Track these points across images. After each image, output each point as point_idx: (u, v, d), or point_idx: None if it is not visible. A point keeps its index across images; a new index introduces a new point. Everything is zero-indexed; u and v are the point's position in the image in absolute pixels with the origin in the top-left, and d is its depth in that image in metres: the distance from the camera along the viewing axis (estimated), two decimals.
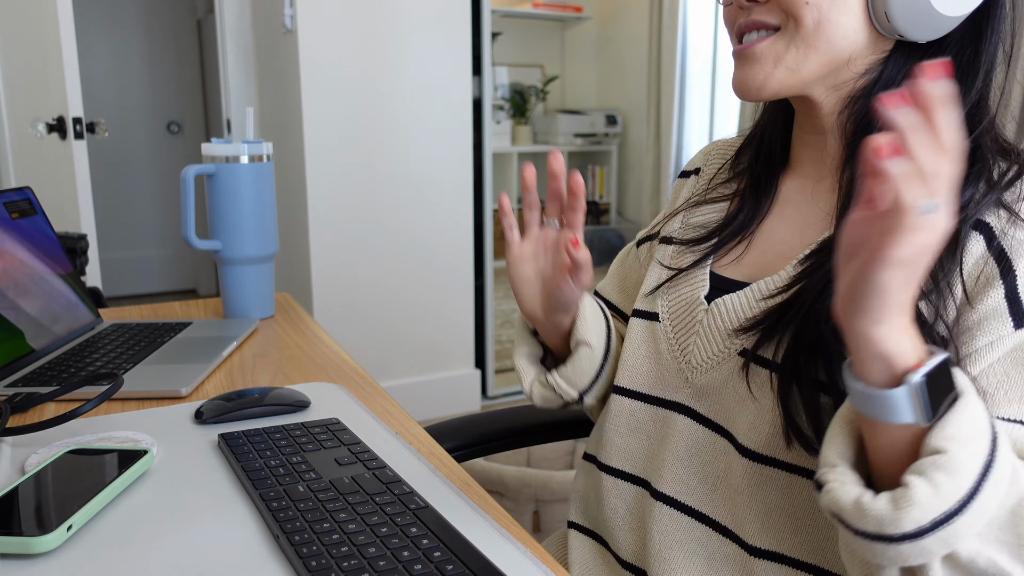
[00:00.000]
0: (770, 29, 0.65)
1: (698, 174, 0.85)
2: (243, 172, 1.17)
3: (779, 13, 0.64)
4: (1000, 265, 0.57)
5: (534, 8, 4.12)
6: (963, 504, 0.48)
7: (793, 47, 0.63)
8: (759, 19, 0.65)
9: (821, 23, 0.62)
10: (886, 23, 0.62)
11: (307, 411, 0.83)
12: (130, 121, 4.49)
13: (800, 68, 0.64)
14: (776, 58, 0.64)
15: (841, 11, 0.62)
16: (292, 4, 2.39)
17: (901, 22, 0.61)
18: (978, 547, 0.50)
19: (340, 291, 2.58)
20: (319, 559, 0.51)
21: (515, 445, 1.04)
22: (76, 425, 0.78)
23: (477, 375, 2.89)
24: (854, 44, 0.63)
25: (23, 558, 0.54)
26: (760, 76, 0.65)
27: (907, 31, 0.62)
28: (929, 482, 0.48)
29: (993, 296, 0.57)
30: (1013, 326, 0.56)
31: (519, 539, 0.58)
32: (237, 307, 1.22)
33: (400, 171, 2.61)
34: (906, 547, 0.49)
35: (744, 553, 0.66)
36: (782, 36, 0.64)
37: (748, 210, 0.75)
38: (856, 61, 0.65)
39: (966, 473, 0.48)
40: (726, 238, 0.75)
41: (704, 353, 0.71)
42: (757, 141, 0.79)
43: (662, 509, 0.72)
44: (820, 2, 0.62)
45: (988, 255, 0.58)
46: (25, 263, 1.01)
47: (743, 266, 0.73)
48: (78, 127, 2.20)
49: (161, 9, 4.48)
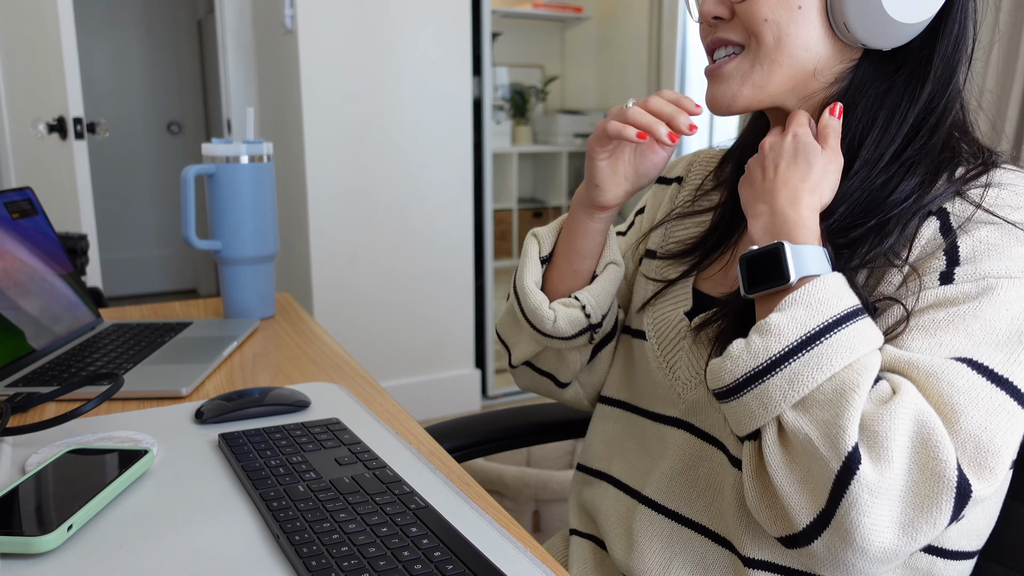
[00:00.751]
0: (736, 46, 0.67)
1: (680, 183, 0.85)
2: (243, 172, 1.17)
3: (742, 32, 0.66)
4: (947, 239, 0.59)
5: (534, 8, 4.12)
6: (772, 363, 0.54)
7: (758, 64, 0.65)
8: (725, 36, 0.67)
9: (781, 39, 0.64)
10: (847, 33, 0.63)
11: (307, 411, 0.83)
12: (130, 121, 4.50)
13: (766, 84, 0.66)
14: (743, 76, 0.66)
15: (800, 25, 0.63)
16: (292, 4, 2.39)
17: (860, 32, 0.62)
18: (799, 419, 0.53)
19: (340, 291, 2.58)
20: (319, 559, 0.51)
21: (515, 445, 1.04)
22: (76, 425, 0.78)
23: (477, 375, 2.89)
24: (817, 56, 0.65)
25: (23, 558, 0.54)
26: (728, 94, 0.67)
27: (868, 40, 0.63)
28: (746, 341, 0.56)
29: (933, 264, 0.58)
30: (939, 284, 0.57)
31: (519, 539, 0.58)
32: (237, 307, 1.22)
33: (400, 171, 2.61)
34: (733, 404, 0.56)
35: (738, 562, 0.67)
36: (747, 55, 0.66)
37: (726, 224, 0.76)
38: (823, 71, 0.66)
39: (779, 337, 0.54)
40: (707, 251, 0.76)
41: (691, 369, 0.72)
42: (740, 153, 0.80)
43: (656, 518, 0.72)
44: (778, 18, 0.63)
45: (939, 234, 0.60)
46: (26, 263, 1.01)
47: (727, 280, 0.74)
48: (78, 127, 2.20)
49: (161, 9, 4.48)
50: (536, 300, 0.76)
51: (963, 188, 0.61)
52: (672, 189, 0.86)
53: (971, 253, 0.57)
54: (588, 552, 0.81)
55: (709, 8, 0.67)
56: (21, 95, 2.49)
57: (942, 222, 0.60)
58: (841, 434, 0.51)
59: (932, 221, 0.60)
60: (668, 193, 0.86)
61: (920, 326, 0.56)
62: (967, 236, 0.58)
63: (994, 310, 0.55)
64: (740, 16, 0.65)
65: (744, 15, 0.64)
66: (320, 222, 2.51)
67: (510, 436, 1.03)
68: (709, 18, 0.67)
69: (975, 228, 0.58)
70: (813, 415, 0.53)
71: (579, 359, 0.82)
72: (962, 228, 0.59)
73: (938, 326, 0.56)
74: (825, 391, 0.53)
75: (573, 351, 0.81)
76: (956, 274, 0.57)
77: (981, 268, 0.57)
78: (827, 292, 0.56)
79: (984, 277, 0.56)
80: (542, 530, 1.65)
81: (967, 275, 0.57)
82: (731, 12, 0.66)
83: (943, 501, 0.50)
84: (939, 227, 0.60)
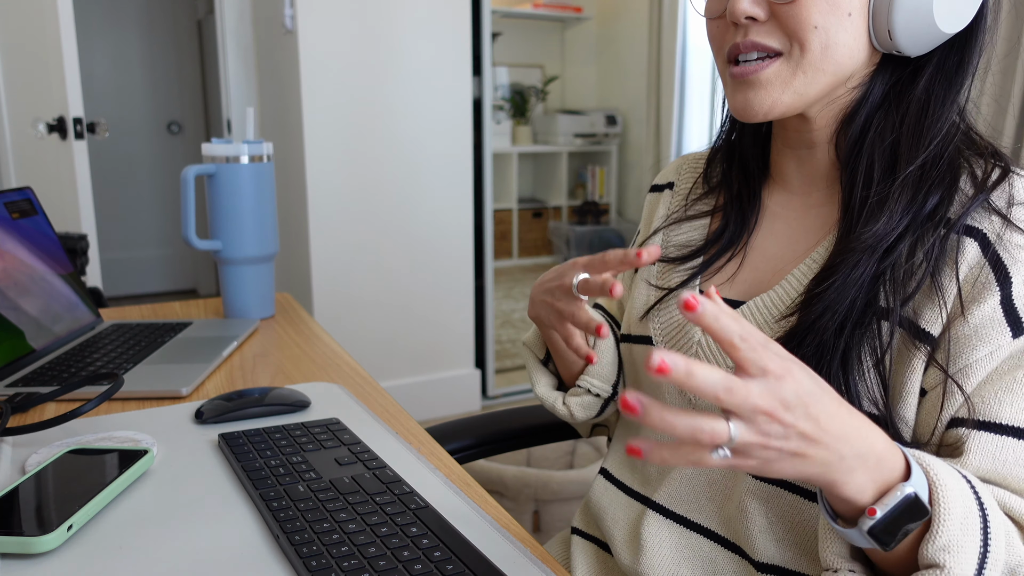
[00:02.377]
0: (771, 52, 0.62)
1: (672, 188, 0.85)
2: (243, 172, 1.17)
3: (781, 36, 0.62)
4: (996, 272, 0.57)
5: (534, 8, 4.12)
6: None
7: (801, 72, 0.62)
8: (759, 41, 0.62)
9: (829, 46, 0.61)
10: (887, 41, 0.62)
11: (307, 411, 0.83)
12: (130, 121, 4.49)
13: (808, 91, 0.63)
14: (784, 83, 0.63)
15: (848, 32, 0.61)
16: (292, 4, 2.39)
17: (903, 40, 0.61)
18: None
19: (340, 291, 2.58)
20: (319, 559, 0.52)
21: (516, 446, 1.04)
22: (76, 425, 0.78)
23: (477, 375, 2.89)
24: (857, 62, 0.63)
25: (23, 558, 0.54)
26: (767, 101, 0.63)
27: (907, 47, 0.62)
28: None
29: (989, 303, 0.57)
30: (1011, 335, 0.56)
31: (519, 539, 0.58)
32: (237, 307, 1.22)
33: (400, 171, 2.61)
34: None
35: (749, 567, 0.67)
36: (787, 61, 0.62)
37: (735, 226, 0.75)
38: (855, 77, 0.65)
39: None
40: (715, 255, 0.75)
41: None
42: (729, 153, 0.78)
43: (664, 523, 0.72)
44: (828, 25, 0.60)
45: (984, 261, 0.58)
46: (26, 263, 1.01)
47: (737, 284, 0.73)
48: (78, 127, 2.20)
49: (161, 9, 4.48)
50: (550, 401, 0.81)
51: (992, 200, 0.60)
52: (665, 195, 0.85)
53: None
54: (591, 554, 0.81)
55: (745, 7, 0.61)
56: (21, 95, 2.49)
57: (981, 243, 0.58)
58: None
59: (972, 244, 0.58)
60: (662, 199, 0.85)
61: (1006, 387, 0.55)
62: (1017, 271, 0.57)
63: None
64: (782, 20, 0.61)
65: (790, 20, 0.60)
66: (320, 222, 2.51)
67: (510, 437, 1.03)
68: (742, 18, 0.62)
69: (1020, 255, 0.57)
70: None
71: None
72: (1011, 258, 0.57)
73: (1021, 384, 0.55)
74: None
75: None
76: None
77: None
78: (954, 500, 0.50)
79: None
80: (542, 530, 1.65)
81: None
82: (768, 13, 0.62)
83: None
84: (980, 252, 0.58)
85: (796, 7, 0.60)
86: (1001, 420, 0.55)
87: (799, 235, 0.70)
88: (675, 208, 0.83)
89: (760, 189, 0.75)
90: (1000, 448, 0.54)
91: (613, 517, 0.78)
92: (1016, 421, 0.55)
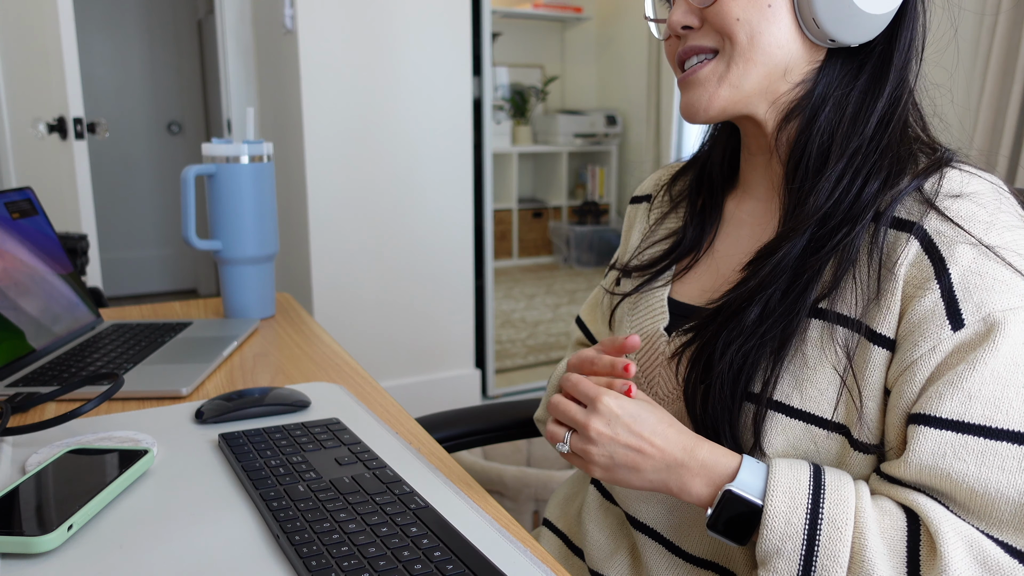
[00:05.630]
0: (709, 53, 0.66)
1: (650, 201, 0.86)
2: (243, 172, 1.17)
3: (714, 35, 0.65)
4: (936, 267, 0.58)
5: (534, 8, 4.12)
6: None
7: (733, 64, 0.65)
8: (697, 44, 0.67)
9: (754, 36, 0.64)
10: (816, 29, 0.63)
11: (307, 411, 0.83)
12: (130, 121, 4.50)
13: (742, 83, 0.65)
14: (719, 78, 0.66)
15: (771, 22, 0.63)
16: (292, 4, 2.39)
17: (830, 26, 0.62)
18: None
19: (340, 291, 2.58)
20: (319, 559, 0.52)
21: (511, 437, 1.04)
22: (76, 425, 0.78)
23: (477, 375, 2.89)
24: (788, 54, 0.65)
25: (24, 557, 0.54)
26: (704, 97, 0.67)
27: (837, 34, 0.63)
28: None
29: (929, 297, 0.57)
30: (951, 329, 0.56)
31: (519, 539, 0.58)
32: (237, 307, 1.22)
33: (400, 171, 2.61)
34: None
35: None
36: (721, 57, 0.66)
37: (693, 233, 0.77)
38: (792, 71, 0.66)
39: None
40: (673, 262, 0.77)
41: (669, 384, 0.72)
42: (699, 165, 0.80)
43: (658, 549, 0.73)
44: (750, 17, 0.63)
45: (924, 256, 0.58)
46: (26, 263, 1.01)
47: (703, 292, 0.74)
48: (78, 127, 2.21)
49: (161, 9, 4.48)
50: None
51: (923, 185, 0.61)
52: (643, 208, 0.86)
53: (964, 281, 0.56)
54: (556, 549, 0.83)
55: (678, 18, 0.67)
56: (21, 95, 2.49)
57: (920, 238, 0.59)
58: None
59: (911, 241, 0.59)
60: (640, 212, 0.86)
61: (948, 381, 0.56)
62: (955, 261, 0.57)
63: (1009, 347, 0.55)
64: (710, 20, 0.65)
65: (715, 18, 0.64)
66: (320, 222, 2.51)
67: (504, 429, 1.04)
68: (678, 28, 0.67)
69: (957, 248, 0.57)
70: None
71: None
72: (947, 251, 0.58)
73: (961, 378, 0.55)
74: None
75: None
76: (964, 315, 0.56)
77: (984, 304, 0.56)
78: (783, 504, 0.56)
79: (990, 314, 0.55)
80: None
81: (974, 315, 0.56)
82: (700, 19, 0.66)
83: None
84: (920, 246, 0.59)
85: (719, 6, 0.64)
86: (941, 414, 0.55)
87: (762, 241, 0.70)
88: (652, 221, 0.84)
89: (723, 198, 0.77)
90: (939, 443, 0.55)
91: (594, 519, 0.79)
92: (955, 415, 0.55)
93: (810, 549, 0.55)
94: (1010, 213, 0.60)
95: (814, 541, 0.55)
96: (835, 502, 0.55)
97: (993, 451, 0.54)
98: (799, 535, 0.55)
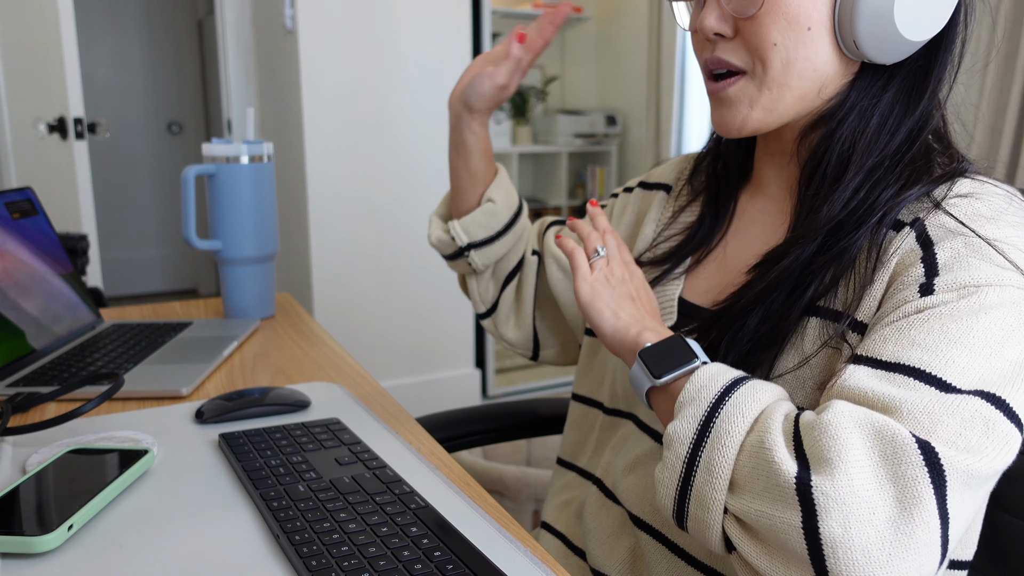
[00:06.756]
0: (736, 70, 0.64)
1: (668, 192, 0.85)
2: (243, 172, 1.17)
3: (744, 55, 0.63)
4: (924, 250, 0.58)
5: (534, 8, 4.12)
6: (687, 465, 0.54)
7: (765, 88, 0.63)
8: (724, 59, 0.64)
9: (790, 63, 0.62)
10: (855, 49, 0.62)
11: (307, 411, 0.83)
12: (131, 121, 4.50)
13: (776, 107, 0.64)
14: (750, 101, 0.64)
15: (808, 47, 0.62)
16: (292, 4, 2.39)
17: (870, 49, 0.62)
18: (742, 502, 0.51)
19: (340, 291, 2.58)
20: (319, 559, 0.52)
21: (509, 437, 1.05)
22: (77, 425, 0.78)
23: (477, 375, 2.89)
24: (824, 75, 0.64)
25: (24, 557, 0.54)
26: (739, 119, 0.65)
27: (876, 56, 0.62)
28: (660, 463, 0.56)
29: (911, 272, 0.57)
30: (919, 293, 0.55)
31: (519, 539, 0.58)
32: (237, 307, 1.22)
33: (400, 171, 2.61)
34: (690, 526, 0.55)
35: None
36: (751, 79, 0.64)
37: (707, 228, 0.76)
38: (827, 88, 0.65)
39: (681, 439, 0.55)
40: (684, 256, 0.76)
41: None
42: (714, 158, 0.79)
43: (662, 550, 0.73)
44: (787, 42, 0.61)
45: (915, 243, 0.59)
46: (26, 263, 1.01)
47: (709, 291, 0.74)
48: (79, 127, 2.21)
49: (161, 9, 4.48)
50: (429, 225, 0.93)
51: (932, 191, 0.60)
52: (659, 197, 0.85)
53: (949, 262, 0.56)
54: (556, 549, 0.83)
55: (711, 24, 0.63)
56: (21, 95, 2.49)
57: (917, 231, 0.59)
58: (778, 479, 0.48)
59: (908, 233, 0.59)
60: (655, 201, 0.85)
61: (896, 327, 0.54)
62: (945, 245, 0.57)
63: (971, 313, 0.53)
64: (745, 36, 0.62)
65: (751, 37, 0.62)
66: (320, 222, 2.51)
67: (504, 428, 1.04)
68: (710, 34, 0.64)
69: (951, 238, 0.57)
70: (751, 487, 0.51)
71: (482, 288, 0.95)
72: (939, 237, 0.58)
73: (912, 325, 0.54)
74: (745, 463, 0.51)
75: (475, 279, 0.94)
76: (936, 284, 0.55)
77: (961, 277, 0.55)
78: (705, 378, 0.56)
79: (965, 286, 0.54)
80: None
81: (947, 285, 0.55)
82: (734, 29, 0.63)
83: (917, 477, 0.46)
84: (916, 237, 0.59)
85: (756, 23, 0.61)
86: (881, 357, 0.53)
87: (773, 241, 0.70)
88: (671, 213, 0.83)
89: (738, 194, 0.77)
90: (869, 375, 0.53)
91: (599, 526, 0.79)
92: (893, 358, 0.53)
93: (720, 400, 0.54)
94: (1016, 215, 0.59)
95: (726, 397, 0.54)
96: (760, 386, 0.55)
97: (917, 389, 0.51)
98: (717, 389, 0.55)
